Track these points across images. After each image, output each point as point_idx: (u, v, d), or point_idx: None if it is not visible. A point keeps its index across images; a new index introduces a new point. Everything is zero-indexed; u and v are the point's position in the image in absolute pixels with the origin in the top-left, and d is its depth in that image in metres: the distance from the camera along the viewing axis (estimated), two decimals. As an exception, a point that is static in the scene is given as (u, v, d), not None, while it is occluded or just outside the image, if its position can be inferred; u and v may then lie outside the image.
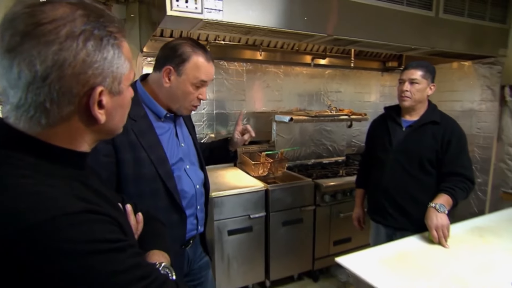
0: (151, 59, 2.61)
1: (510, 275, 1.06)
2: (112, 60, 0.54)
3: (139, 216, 0.79)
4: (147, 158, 1.05)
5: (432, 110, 1.64)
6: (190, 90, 1.10)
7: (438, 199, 1.43)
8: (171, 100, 1.12)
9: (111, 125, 0.60)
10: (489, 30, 2.64)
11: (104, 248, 0.48)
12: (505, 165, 2.85)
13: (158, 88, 1.12)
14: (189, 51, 1.07)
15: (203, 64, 1.09)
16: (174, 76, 1.08)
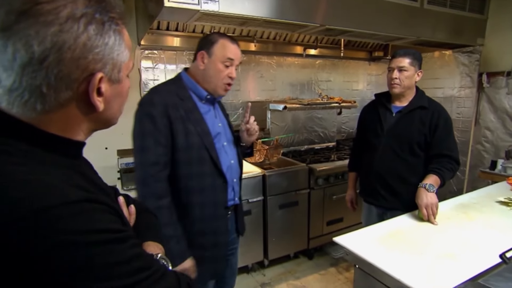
0: (148, 52, 2.52)
1: (497, 248, 1.07)
2: (113, 46, 0.50)
3: (132, 208, 0.74)
4: (194, 130, 1.18)
5: (420, 96, 1.63)
6: (220, 68, 1.19)
7: (428, 179, 1.44)
8: (207, 81, 1.22)
9: (109, 114, 0.55)
10: (468, 20, 2.63)
11: (106, 238, 0.44)
12: (482, 146, 2.90)
13: (196, 74, 1.23)
14: (217, 36, 1.20)
15: (229, 44, 1.20)
16: (206, 59, 1.19)
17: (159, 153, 1.13)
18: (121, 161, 2.15)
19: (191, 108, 1.20)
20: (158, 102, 1.14)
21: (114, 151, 2.23)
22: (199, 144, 1.19)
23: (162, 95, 1.17)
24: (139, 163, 1.15)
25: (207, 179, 1.21)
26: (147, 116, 1.12)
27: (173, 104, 1.15)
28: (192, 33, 2.58)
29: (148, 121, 1.12)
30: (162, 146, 1.14)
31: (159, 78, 2.60)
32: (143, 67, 2.52)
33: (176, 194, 1.18)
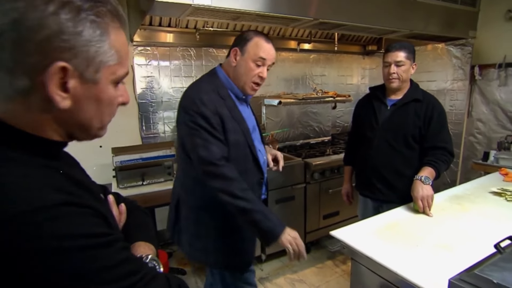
0: (141, 48, 2.48)
1: (491, 238, 1.08)
2: (90, 39, 0.45)
3: (122, 207, 0.71)
4: (239, 128, 1.21)
5: (414, 89, 1.62)
6: (251, 67, 1.18)
7: (423, 171, 1.44)
8: (236, 78, 1.22)
9: (82, 118, 0.49)
10: (460, 13, 2.63)
11: (89, 243, 0.41)
12: (474, 138, 2.92)
13: (229, 70, 1.24)
14: (252, 34, 1.19)
15: (263, 43, 1.18)
16: (239, 56, 1.19)
17: (222, 148, 1.15)
18: (116, 159, 2.12)
19: (232, 107, 1.21)
20: (208, 101, 1.14)
21: (108, 149, 2.20)
22: (244, 142, 1.22)
23: (208, 94, 1.16)
24: (204, 158, 1.12)
25: (250, 175, 1.25)
26: (200, 115, 1.12)
27: (219, 103, 1.17)
28: (185, 28, 2.55)
29: (202, 121, 1.12)
30: (223, 143, 1.16)
31: (152, 74, 2.57)
32: (136, 64, 2.48)
33: None
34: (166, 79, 2.64)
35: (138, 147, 2.33)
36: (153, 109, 2.62)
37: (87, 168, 0.71)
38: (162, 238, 2.78)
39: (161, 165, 2.30)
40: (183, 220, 1.31)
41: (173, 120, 2.72)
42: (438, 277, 0.90)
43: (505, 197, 1.52)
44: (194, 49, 2.69)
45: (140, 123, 2.59)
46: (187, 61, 2.69)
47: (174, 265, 2.50)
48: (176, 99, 2.70)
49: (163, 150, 2.30)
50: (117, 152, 2.15)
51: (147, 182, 2.24)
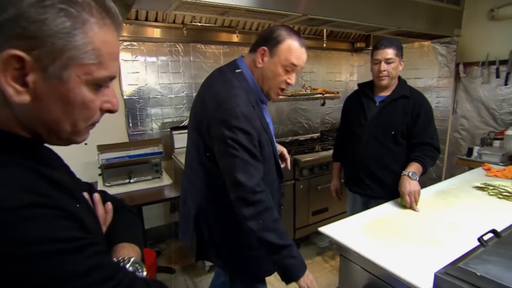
0: (127, 43, 2.43)
1: (475, 232, 1.10)
2: (56, 31, 0.40)
3: (108, 206, 0.68)
4: (268, 139, 1.13)
5: (402, 85, 1.64)
6: (280, 72, 1.07)
7: (410, 167, 1.46)
8: (262, 81, 1.11)
9: (47, 118, 0.45)
10: (446, 11, 2.67)
11: (55, 249, 0.38)
12: (459, 134, 2.98)
13: (253, 70, 1.11)
14: (284, 34, 1.05)
15: (296, 47, 1.06)
16: (267, 57, 1.06)
17: (260, 170, 1.05)
18: (102, 156, 2.07)
19: (261, 116, 1.12)
20: (249, 113, 1.03)
21: (94, 147, 2.15)
22: (271, 152, 1.15)
23: (247, 105, 1.04)
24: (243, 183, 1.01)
25: (275, 184, 1.20)
26: (242, 131, 1.01)
27: (252, 115, 1.05)
28: (173, 23, 2.50)
29: (244, 137, 1.01)
30: (260, 162, 1.07)
31: (139, 70, 2.51)
32: (122, 60, 2.42)
33: None
34: (153, 75, 2.59)
35: (124, 144, 2.28)
36: (140, 105, 2.57)
37: (72, 166, 0.68)
38: (150, 236, 2.75)
39: (149, 162, 2.27)
40: (207, 232, 1.20)
41: (161, 117, 2.68)
42: (425, 271, 0.91)
43: (488, 191, 1.56)
44: (182, 44, 2.65)
45: (127, 120, 2.54)
46: (175, 57, 2.65)
47: (162, 264, 2.47)
48: (164, 95, 2.65)
49: (150, 148, 2.26)
50: (103, 149, 2.10)
51: (134, 180, 2.20)
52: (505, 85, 2.59)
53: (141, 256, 0.66)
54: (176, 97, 2.71)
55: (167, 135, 2.70)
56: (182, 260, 2.55)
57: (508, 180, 1.71)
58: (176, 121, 2.75)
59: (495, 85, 2.67)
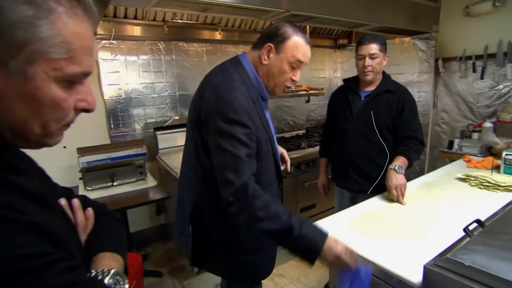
0: (106, 42, 2.34)
1: (460, 223, 1.12)
2: (16, 20, 0.36)
3: (89, 212, 0.63)
4: (267, 136, 1.09)
5: (387, 80, 1.65)
6: (286, 69, 1.06)
7: (396, 161, 1.47)
8: (267, 78, 1.09)
9: (11, 119, 0.41)
10: (424, 7, 2.73)
11: (16, 268, 0.35)
12: (440, 128, 3.07)
13: (257, 66, 1.09)
14: (291, 31, 1.04)
15: (302, 44, 1.05)
16: (273, 54, 1.05)
17: (253, 166, 0.99)
18: (82, 159, 1.99)
19: (261, 112, 1.08)
20: (247, 107, 1.00)
21: (73, 149, 2.06)
22: (270, 150, 1.11)
23: (246, 98, 1.02)
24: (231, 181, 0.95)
25: (274, 185, 1.17)
26: (240, 124, 0.97)
27: (251, 110, 1.02)
28: (153, 21, 2.44)
29: (240, 131, 0.96)
30: (255, 159, 1.01)
31: (119, 70, 2.43)
32: (100, 59, 2.34)
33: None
34: (135, 75, 2.52)
35: (106, 146, 2.21)
36: (121, 106, 2.49)
37: (50, 171, 0.63)
38: (136, 240, 2.68)
39: (132, 164, 2.20)
40: (203, 232, 1.16)
41: (144, 117, 2.61)
42: (414, 264, 0.92)
43: (469, 182, 1.60)
44: (163, 43, 2.59)
45: (108, 121, 2.45)
46: (156, 56, 2.58)
47: (149, 268, 2.41)
48: (146, 95, 2.59)
49: (134, 149, 2.20)
50: (83, 152, 2.02)
51: (118, 183, 2.13)
52: (481, 79, 2.68)
53: (124, 266, 0.61)
54: (159, 97, 2.65)
55: (151, 135, 2.63)
56: (170, 262, 2.50)
57: (487, 170, 1.76)
58: (159, 121, 2.68)
59: (472, 80, 2.75)
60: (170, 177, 2.16)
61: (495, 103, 2.62)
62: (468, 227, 0.99)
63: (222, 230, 1.14)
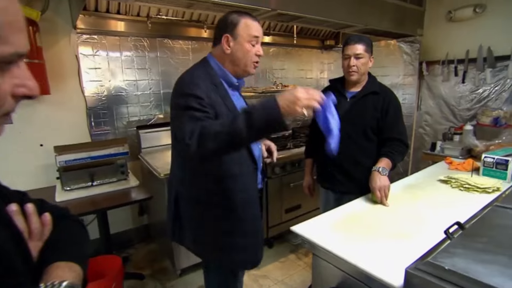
0: (87, 36, 2.26)
1: (442, 225, 1.13)
2: None
3: (46, 217, 0.58)
4: (231, 115, 1.09)
5: (372, 82, 1.66)
6: (248, 48, 1.16)
7: (380, 163, 1.48)
8: (236, 63, 1.19)
9: None
10: (409, 11, 2.77)
11: None
12: (423, 130, 3.12)
13: (223, 58, 1.19)
14: (237, 16, 1.15)
15: (251, 22, 1.16)
16: (232, 42, 1.15)
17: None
18: (60, 158, 1.91)
19: (225, 95, 1.17)
20: (201, 84, 1.10)
21: (51, 148, 1.98)
22: None
23: (202, 79, 1.13)
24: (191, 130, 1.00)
25: (244, 164, 1.22)
26: (193, 96, 1.06)
27: (213, 90, 1.13)
28: (137, 16, 2.37)
29: (194, 101, 1.05)
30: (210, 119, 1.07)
31: (100, 66, 2.36)
32: (81, 54, 2.26)
33: (220, 180, 1.18)
34: (117, 71, 2.44)
35: (86, 144, 2.13)
36: (103, 103, 2.41)
37: (25, 170, 0.58)
38: (117, 241, 2.60)
39: (113, 163, 2.14)
40: (184, 215, 1.27)
41: (126, 115, 2.54)
42: (396, 267, 0.91)
43: (451, 184, 1.62)
44: (148, 39, 2.52)
45: (89, 119, 2.37)
46: (140, 52, 2.51)
47: (131, 270, 2.34)
48: (129, 92, 2.52)
49: (115, 148, 2.13)
50: (61, 150, 1.94)
51: (98, 183, 2.06)
52: (463, 83, 2.74)
53: (83, 276, 0.56)
54: (143, 95, 2.58)
55: (134, 134, 2.57)
56: (152, 264, 2.44)
57: (467, 172, 1.80)
58: (143, 120, 2.61)
59: (454, 83, 2.82)
60: (153, 177, 2.10)
61: (475, 107, 2.69)
62: (448, 229, 0.99)
63: (199, 213, 1.23)
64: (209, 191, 1.19)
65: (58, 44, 2.16)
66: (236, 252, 1.24)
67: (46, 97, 2.11)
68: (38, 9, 1.94)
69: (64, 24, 2.14)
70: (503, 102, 2.53)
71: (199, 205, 1.22)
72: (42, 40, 1.97)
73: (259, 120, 0.93)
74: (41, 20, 1.94)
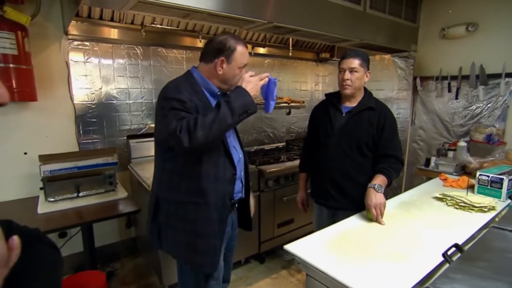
0: (78, 43, 2.23)
1: (438, 247, 1.11)
2: None
3: (14, 241, 0.53)
4: None
5: (368, 97, 1.66)
6: (237, 73, 1.32)
7: (376, 179, 1.46)
8: (224, 82, 1.33)
9: None
10: (404, 27, 2.82)
11: None
12: (417, 145, 3.14)
13: (211, 75, 1.32)
14: (234, 43, 1.29)
15: (244, 51, 1.32)
16: (225, 64, 1.29)
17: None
18: (44, 168, 1.85)
19: (206, 101, 1.29)
20: (184, 91, 1.23)
21: (35, 157, 1.91)
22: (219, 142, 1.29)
23: (183, 85, 1.26)
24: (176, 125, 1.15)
25: (221, 167, 1.30)
26: (176, 100, 1.19)
27: (190, 93, 1.24)
28: (131, 24, 2.35)
29: (177, 103, 1.18)
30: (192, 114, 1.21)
31: (91, 73, 2.32)
32: (72, 60, 2.22)
33: (193, 180, 1.26)
34: (109, 79, 2.41)
35: (73, 154, 2.07)
36: (92, 111, 2.37)
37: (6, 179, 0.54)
38: (102, 255, 2.51)
39: (101, 174, 2.07)
40: (161, 215, 1.35)
41: (117, 124, 2.49)
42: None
43: (446, 202, 1.61)
44: (141, 47, 2.50)
45: (77, 127, 2.32)
46: (133, 60, 2.49)
47: (116, 286, 2.25)
48: (120, 101, 2.48)
49: (104, 157, 2.07)
50: (46, 160, 1.88)
51: (84, 194, 2.00)
52: (456, 99, 2.78)
53: None
54: (134, 103, 2.55)
55: (124, 143, 2.51)
56: (138, 280, 2.36)
57: (462, 190, 1.80)
58: (134, 129, 2.57)
59: (448, 99, 2.85)
60: (142, 188, 2.05)
61: (469, 123, 2.73)
62: (447, 252, 0.97)
63: (176, 214, 1.30)
64: (180, 191, 1.28)
65: (48, 50, 2.13)
66: (196, 253, 1.30)
67: (33, 104, 2.06)
68: (29, 14, 1.90)
69: (55, 30, 2.11)
70: (496, 119, 2.56)
71: (172, 204, 1.31)
72: (31, 45, 1.93)
73: (237, 106, 1.18)
74: (31, 25, 1.91)
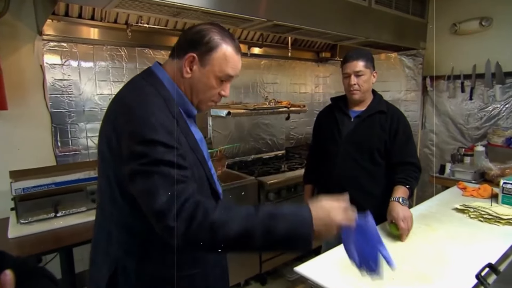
0: (54, 44, 2.18)
1: (467, 266, 1.08)
2: None
3: (6, 276, 0.51)
4: (196, 159, 0.97)
5: (378, 100, 1.65)
6: (213, 85, 0.97)
7: (398, 192, 1.44)
8: (190, 93, 0.99)
9: None
10: (411, 23, 2.85)
11: None
12: (429, 150, 3.15)
13: (178, 80, 0.97)
14: (218, 39, 0.93)
15: (232, 56, 0.95)
16: (196, 66, 0.94)
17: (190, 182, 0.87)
18: (16, 185, 1.78)
19: (186, 130, 0.97)
20: (166, 122, 0.88)
21: (5, 173, 1.85)
22: (202, 175, 0.99)
23: (162, 112, 0.89)
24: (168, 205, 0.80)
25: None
26: (160, 144, 0.84)
27: (172, 126, 0.89)
28: (114, 23, 2.32)
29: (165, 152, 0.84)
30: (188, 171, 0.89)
31: (70, 77, 2.27)
32: (47, 64, 2.17)
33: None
34: (90, 84, 2.36)
35: (50, 168, 2.00)
36: (71, 120, 2.31)
37: None
38: (83, 281, 2.42)
39: (83, 190, 2.01)
40: None
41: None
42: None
43: (469, 214, 1.59)
44: (126, 48, 2.47)
45: (54, 138, 2.25)
46: (117, 63, 2.45)
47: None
48: (103, 108, 2.42)
49: (85, 172, 2.01)
50: (18, 176, 1.81)
51: (63, 213, 1.93)
52: (470, 100, 2.80)
53: None
54: (118, 110, 2.50)
55: (106, 155, 2.45)
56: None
57: (485, 200, 1.78)
58: (117, 139, 2.51)
59: (461, 100, 2.87)
60: (128, 206, 1.99)
61: (485, 125, 2.74)
62: (480, 273, 0.94)
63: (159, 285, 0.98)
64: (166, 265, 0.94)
65: (19, 52, 2.07)
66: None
67: (2, 113, 1.99)
68: (-4, 12, 1.86)
69: (27, 30, 2.06)
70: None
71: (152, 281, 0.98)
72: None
73: (282, 229, 0.79)
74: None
